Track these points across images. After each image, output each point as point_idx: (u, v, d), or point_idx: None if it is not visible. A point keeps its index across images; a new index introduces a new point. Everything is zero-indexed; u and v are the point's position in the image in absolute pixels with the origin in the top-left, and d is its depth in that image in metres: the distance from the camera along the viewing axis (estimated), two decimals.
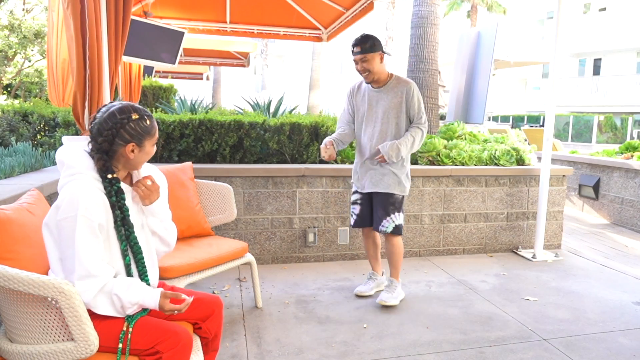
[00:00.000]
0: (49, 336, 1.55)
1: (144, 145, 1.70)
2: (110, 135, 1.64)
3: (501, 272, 3.95)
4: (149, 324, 1.67)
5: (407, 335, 2.79)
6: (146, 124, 1.70)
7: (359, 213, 3.30)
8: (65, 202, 1.58)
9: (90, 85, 2.65)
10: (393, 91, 3.11)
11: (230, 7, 5.26)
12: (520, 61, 12.80)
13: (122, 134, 1.65)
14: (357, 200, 3.30)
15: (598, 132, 21.71)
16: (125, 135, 1.65)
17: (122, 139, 1.65)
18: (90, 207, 1.58)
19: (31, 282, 1.43)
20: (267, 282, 3.59)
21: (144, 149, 1.71)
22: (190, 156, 4.07)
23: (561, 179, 4.61)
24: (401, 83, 3.13)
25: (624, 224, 5.76)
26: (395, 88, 3.11)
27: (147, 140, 1.71)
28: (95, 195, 1.62)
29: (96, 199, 1.62)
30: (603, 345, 2.72)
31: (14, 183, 2.55)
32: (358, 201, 3.30)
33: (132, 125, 1.66)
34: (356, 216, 3.31)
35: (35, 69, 16.45)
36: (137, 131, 1.67)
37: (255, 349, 2.59)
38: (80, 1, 2.57)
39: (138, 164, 1.76)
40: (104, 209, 1.64)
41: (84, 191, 1.60)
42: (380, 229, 3.16)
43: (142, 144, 1.69)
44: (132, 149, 1.68)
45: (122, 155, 1.69)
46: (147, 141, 1.71)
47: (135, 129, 1.66)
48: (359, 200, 3.29)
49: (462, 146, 4.64)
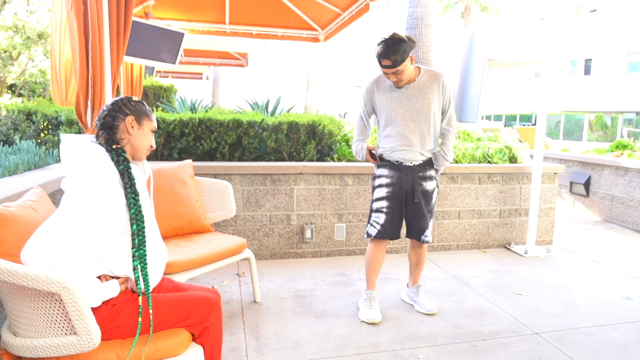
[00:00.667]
0: (52, 330, 1.57)
1: (142, 124, 1.83)
2: (112, 110, 1.79)
3: (494, 268, 4.00)
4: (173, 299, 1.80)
5: (402, 329, 2.82)
6: (145, 108, 1.87)
7: (383, 223, 2.93)
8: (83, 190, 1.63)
9: (92, 85, 2.68)
10: (428, 85, 2.83)
11: (229, 9, 5.29)
12: (513, 61, 12.90)
13: (123, 109, 1.81)
14: (383, 209, 2.94)
15: (589, 130, 21.93)
16: (125, 109, 1.81)
17: (122, 112, 1.80)
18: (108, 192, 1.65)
19: (35, 277, 1.45)
20: (266, 277, 3.63)
21: (142, 128, 1.83)
22: (190, 154, 4.11)
23: (553, 177, 4.68)
24: (432, 77, 2.85)
25: (614, 221, 5.85)
26: (430, 81, 2.84)
27: (146, 121, 1.84)
28: (110, 176, 1.70)
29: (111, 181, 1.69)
30: (594, 339, 2.75)
31: (18, 181, 2.56)
32: (384, 209, 2.93)
33: (133, 104, 1.83)
34: (380, 226, 2.94)
35: (39, 69, 16.54)
36: (136, 109, 1.83)
37: (253, 343, 2.62)
38: (83, 2, 2.60)
39: (139, 146, 1.83)
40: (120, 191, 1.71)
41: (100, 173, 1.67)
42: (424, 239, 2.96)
43: (140, 121, 1.82)
44: (132, 123, 1.79)
45: (124, 131, 1.79)
46: (145, 122, 1.84)
47: (136, 107, 1.83)
48: (384, 209, 2.93)
49: (456, 144, 4.71)
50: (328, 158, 4.44)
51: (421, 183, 2.91)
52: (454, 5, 25.29)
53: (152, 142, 1.88)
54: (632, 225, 5.57)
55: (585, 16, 25.66)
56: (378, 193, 2.95)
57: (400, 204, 2.93)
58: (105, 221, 1.63)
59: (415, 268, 3.18)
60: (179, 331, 1.77)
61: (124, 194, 1.71)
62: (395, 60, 2.62)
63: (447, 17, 26.41)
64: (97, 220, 1.60)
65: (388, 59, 2.63)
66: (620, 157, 5.95)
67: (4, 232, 1.61)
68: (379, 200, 2.94)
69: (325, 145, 4.44)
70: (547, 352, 2.59)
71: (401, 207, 2.94)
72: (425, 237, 2.95)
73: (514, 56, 18.95)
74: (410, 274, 3.24)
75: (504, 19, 26.90)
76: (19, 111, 4.49)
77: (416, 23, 6.91)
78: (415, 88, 2.83)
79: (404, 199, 2.93)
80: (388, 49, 2.62)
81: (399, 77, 2.73)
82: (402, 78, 2.74)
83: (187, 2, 5.18)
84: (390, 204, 2.91)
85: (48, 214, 1.86)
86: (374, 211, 2.95)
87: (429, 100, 2.83)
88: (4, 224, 1.62)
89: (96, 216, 1.60)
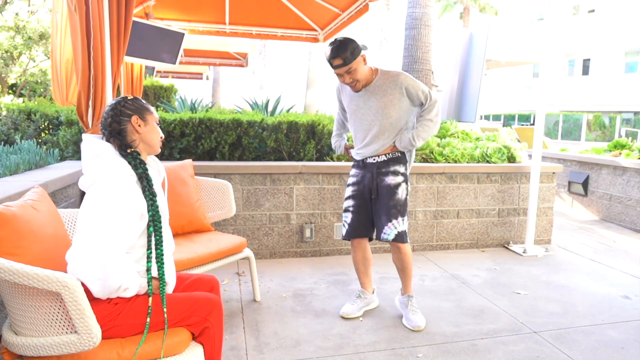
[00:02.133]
0: (52, 329, 1.57)
1: (146, 119, 1.88)
2: (114, 115, 1.83)
3: (493, 267, 4.02)
4: (175, 298, 1.81)
5: (401, 328, 2.83)
6: (142, 102, 1.91)
7: (350, 222, 2.94)
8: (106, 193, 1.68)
9: (94, 85, 2.69)
10: (383, 89, 2.75)
11: (229, 9, 5.30)
12: (512, 61, 12.92)
13: (124, 111, 1.84)
14: (350, 208, 2.94)
15: (587, 130, 21.98)
16: (126, 111, 1.84)
17: (125, 115, 1.84)
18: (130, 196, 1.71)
19: (36, 276, 1.46)
20: (265, 277, 3.65)
21: (148, 123, 1.88)
22: (190, 154, 4.12)
23: (551, 176, 4.70)
24: (389, 78, 2.76)
25: (612, 220, 5.88)
26: (384, 85, 2.75)
27: (148, 115, 1.89)
28: (131, 182, 1.75)
29: (133, 187, 1.74)
30: (592, 337, 2.76)
31: (19, 180, 2.57)
32: (350, 208, 2.94)
33: (130, 103, 1.87)
34: (348, 225, 2.95)
35: (40, 69, 16.64)
36: (135, 106, 1.87)
37: (253, 342, 2.63)
38: (85, 3, 2.62)
39: (152, 141, 1.90)
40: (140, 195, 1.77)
41: (123, 181, 1.72)
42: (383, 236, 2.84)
43: (144, 117, 1.87)
44: (138, 122, 1.84)
45: (133, 132, 1.84)
46: (148, 116, 1.89)
47: (134, 104, 1.87)
48: (351, 208, 2.93)
49: (455, 144, 4.73)
50: (327, 158, 4.45)
51: (383, 178, 2.83)
52: (453, 6, 25.36)
53: (160, 133, 1.94)
54: (630, 224, 5.59)
55: (583, 16, 25.73)
56: (346, 192, 2.99)
57: (365, 202, 2.90)
58: (129, 219, 1.70)
59: (401, 274, 3.00)
60: (179, 330, 1.78)
61: (143, 195, 1.77)
62: (345, 58, 2.59)
63: (446, 18, 26.46)
64: (122, 218, 1.67)
65: (338, 58, 2.60)
66: (618, 157, 5.98)
67: (5, 231, 1.61)
68: (346, 199, 2.97)
69: (324, 145, 4.46)
70: (545, 350, 2.60)
71: (366, 205, 2.90)
72: (384, 235, 2.79)
73: (512, 56, 18.99)
74: (400, 280, 3.08)
75: (503, 19, 26.95)
76: (19, 111, 4.50)
77: (415, 23, 6.93)
78: (371, 91, 2.77)
79: (369, 196, 2.89)
80: (337, 48, 2.59)
81: (353, 78, 2.67)
82: (357, 78, 2.68)
83: (187, 3, 5.19)
84: (355, 203, 2.91)
85: (49, 213, 1.87)
86: (344, 211, 2.99)
87: (387, 102, 2.75)
88: (5, 224, 1.62)
89: (121, 215, 1.67)
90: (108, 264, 1.62)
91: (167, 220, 1.92)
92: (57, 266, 1.68)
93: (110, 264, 1.63)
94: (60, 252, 1.80)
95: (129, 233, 1.70)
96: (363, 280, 3.10)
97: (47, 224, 1.81)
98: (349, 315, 2.97)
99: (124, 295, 1.70)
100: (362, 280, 3.10)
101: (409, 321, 2.91)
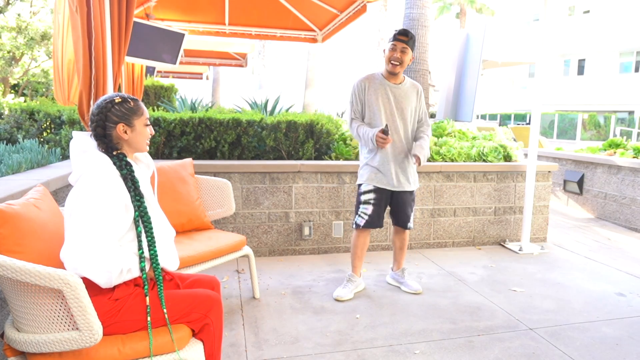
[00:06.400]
0: (54, 326, 1.58)
1: (134, 125, 1.81)
2: (99, 120, 1.77)
3: (489, 264, 4.05)
4: (175, 295, 1.82)
5: (398, 325, 2.85)
6: (130, 105, 1.82)
7: (371, 213, 3.20)
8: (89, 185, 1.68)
9: (95, 85, 2.71)
10: (411, 91, 3.21)
11: (229, 10, 5.32)
12: (508, 61, 12.95)
13: (110, 117, 1.78)
14: (371, 200, 3.19)
15: (582, 129, 22.09)
16: (112, 117, 1.78)
17: (111, 121, 1.78)
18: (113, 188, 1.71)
19: (38, 273, 1.47)
20: (265, 274, 3.67)
21: (135, 128, 1.82)
22: (190, 153, 4.15)
23: (547, 175, 4.74)
24: (414, 85, 3.26)
25: (607, 218, 5.92)
26: (412, 88, 3.22)
27: (136, 119, 1.81)
28: (115, 176, 1.74)
29: (116, 180, 1.74)
30: (587, 334, 2.78)
31: (21, 179, 2.58)
32: (371, 201, 3.19)
33: (117, 108, 1.78)
34: (368, 217, 3.20)
35: (42, 69, 16.67)
36: (122, 112, 1.79)
37: (252, 338, 2.65)
38: (87, 4, 2.64)
39: (138, 144, 1.86)
40: (124, 188, 1.76)
41: (106, 175, 1.71)
42: (409, 225, 3.33)
43: (131, 123, 1.80)
44: (124, 129, 1.79)
45: (118, 138, 1.80)
46: (135, 121, 1.81)
47: (121, 110, 1.79)
48: (372, 200, 3.19)
49: (452, 143, 4.76)
50: (326, 157, 4.48)
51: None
52: (450, 7, 25.41)
53: (149, 133, 1.88)
54: (625, 222, 5.64)
55: (578, 17, 25.83)
56: (366, 186, 3.22)
57: (387, 196, 3.25)
58: (114, 209, 1.69)
59: (400, 252, 3.47)
60: (179, 327, 1.80)
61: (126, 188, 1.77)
62: (410, 40, 3.05)
63: (443, 19, 26.52)
64: (108, 208, 1.66)
65: (405, 35, 3.06)
66: (613, 156, 6.03)
67: (7, 229, 1.62)
68: (367, 192, 3.21)
69: (323, 144, 4.49)
70: (541, 347, 2.63)
71: (387, 199, 3.26)
72: (410, 225, 3.33)
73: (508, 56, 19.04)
74: (394, 259, 3.53)
75: (499, 20, 27.04)
76: (21, 110, 4.51)
77: (412, 24, 6.98)
78: (402, 89, 3.19)
79: (390, 191, 3.23)
80: (409, 32, 3.09)
81: (402, 57, 3.07)
82: (404, 59, 3.08)
83: (188, 3, 5.21)
84: (377, 196, 3.20)
85: (51, 211, 1.88)
86: (363, 203, 3.23)
87: (408, 104, 3.20)
88: (7, 222, 1.63)
89: (106, 205, 1.67)
90: (103, 252, 1.63)
91: (159, 213, 1.91)
92: (59, 264, 1.69)
93: (106, 252, 1.63)
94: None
95: (116, 222, 1.69)
96: (356, 264, 3.36)
97: (49, 222, 1.82)
98: (342, 297, 3.23)
99: (128, 277, 1.71)
100: (355, 264, 3.36)
101: (408, 287, 3.39)
